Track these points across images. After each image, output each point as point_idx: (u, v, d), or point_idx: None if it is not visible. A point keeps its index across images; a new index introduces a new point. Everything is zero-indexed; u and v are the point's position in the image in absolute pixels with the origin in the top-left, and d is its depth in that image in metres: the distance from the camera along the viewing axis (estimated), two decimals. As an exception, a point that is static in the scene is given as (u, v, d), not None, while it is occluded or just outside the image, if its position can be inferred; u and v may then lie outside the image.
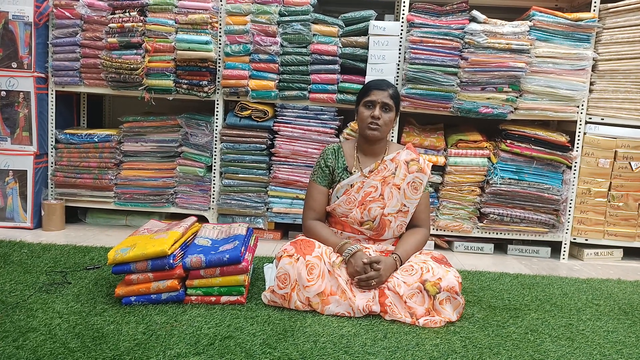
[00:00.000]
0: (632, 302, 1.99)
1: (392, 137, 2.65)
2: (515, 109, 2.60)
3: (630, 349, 1.55)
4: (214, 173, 2.68)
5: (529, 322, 1.71)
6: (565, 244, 2.69)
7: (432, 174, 2.64)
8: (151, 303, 1.66)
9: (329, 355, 1.38)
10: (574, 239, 2.69)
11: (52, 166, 2.74)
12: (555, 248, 2.74)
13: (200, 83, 2.59)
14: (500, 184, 2.60)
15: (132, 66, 2.55)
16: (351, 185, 1.83)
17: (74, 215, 2.85)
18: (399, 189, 1.81)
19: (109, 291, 1.75)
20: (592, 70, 2.62)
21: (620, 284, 2.25)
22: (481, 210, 2.67)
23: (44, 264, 2.01)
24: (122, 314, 1.58)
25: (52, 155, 2.73)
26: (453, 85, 2.54)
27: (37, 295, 1.69)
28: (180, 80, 2.60)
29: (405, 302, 1.64)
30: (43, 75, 2.67)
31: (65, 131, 2.72)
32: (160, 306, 1.65)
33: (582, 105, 2.63)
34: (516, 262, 2.57)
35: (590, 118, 2.65)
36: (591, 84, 2.64)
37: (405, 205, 1.82)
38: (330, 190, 1.87)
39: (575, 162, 2.65)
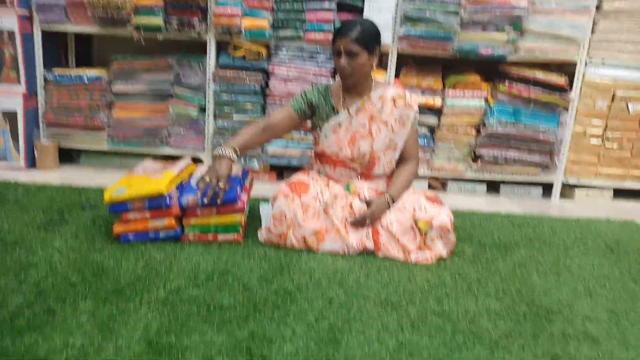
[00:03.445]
0: (619, 239, 2.05)
1: (389, 78, 2.61)
2: (515, 49, 2.55)
3: (613, 283, 1.61)
4: (208, 114, 2.65)
5: (518, 258, 1.76)
6: (557, 184, 2.72)
7: (429, 115, 2.62)
8: (149, 241, 1.69)
9: (324, 289, 1.43)
10: (566, 179, 2.73)
11: (42, 106, 2.69)
12: (547, 189, 2.78)
13: (192, 21, 2.50)
14: (496, 125, 2.60)
15: (119, 3, 2.45)
16: (339, 124, 1.82)
17: (67, 156, 2.84)
18: (387, 125, 1.80)
19: (107, 229, 1.78)
20: (596, 10, 2.54)
21: (609, 223, 2.30)
22: (476, 152, 2.68)
23: (41, 203, 2.03)
24: (121, 250, 1.61)
25: (41, 96, 2.68)
26: (453, 25, 2.47)
27: (35, 233, 1.72)
28: (170, 19, 2.51)
29: (398, 240, 1.68)
30: (27, 13, 2.56)
31: (54, 71, 2.65)
32: (159, 244, 1.68)
33: (584, 46, 2.57)
34: (508, 202, 2.62)
35: (590, 59, 2.61)
36: (594, 24, 2.57)
37: (393, 141, 1.82)
38: (302, 121, 1.86)
39: (573, 104, 2.63)
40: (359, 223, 1.71)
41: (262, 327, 1.20)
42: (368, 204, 1.73)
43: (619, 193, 2.82)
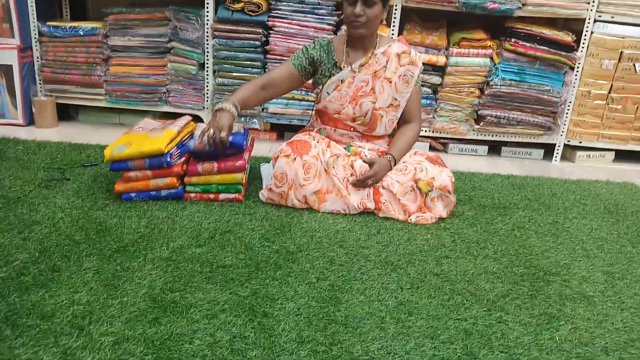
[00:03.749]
0: (617, 202, 2.06)
1: (392, 34, 2.54)
2: (523, 4, 2.47)
3: (611, 245, 1.63)
4: (207, 71, 2.60)
5: (517, 220, 1.78)
6: (559, 146, 2.71)
7: (432, 74, 2.58)
8: (151, 199, 1.69)
9: (324, 248, 1.44)
10: (568, 141, 2.71)
11: (38, 61, 2.63)
12: (548, 150, 2.77)
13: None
14: (500, 85, 2.55)
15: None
16: (341, 80, 1.78)
17: (66, 113, 2.81)
18: (390, 82, 1.77)
19: (109, 187, 1.78)
20: (609, -37, 2.45)
21: (609, 185, 2.31)
22: (478, 112, 2.65)
23: (41, 161, 2.02)
24: (124, 209, 1.62)
25: (37, 50, 2.62)
26: (459, -23, 2.39)
27: (37, 190, 1.72)
28: (167, -32, 2.42)
29: (399, 200, 1.69)
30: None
31: (48, 23, 2.58)
32: (161, 202, 1.68)
33: (593, 1, 2.49)
34: (509, 164, 2.61)
35: (599, 16, 2.53)
36: (605, -23, 2.48)
37: (396, 99, 1.79)
38: (303, 79, 1.83)
39: (579, 63, 2.58)
40: (360, 183, 1.71)
41: (265, 286, 1.22)
42: (370, 164, 1.72)
43: (620, 155, 2.81)
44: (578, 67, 2.59)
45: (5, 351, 0.95)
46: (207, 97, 2.63)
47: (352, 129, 1.85)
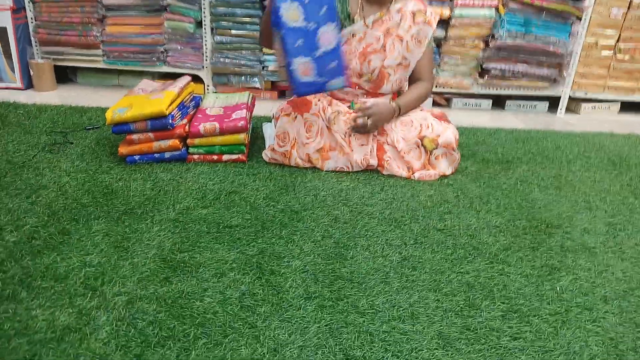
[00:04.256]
0: (621, 153, 2.05)
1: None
2: (530, -50, 2.38)
3: (613, 196, 1.64)
4: (205, 29, 2.54)
5: (520, 174, 1.78)
6: (564, 98, 2.68)
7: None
8: (155, 162, 1.70)
9: (329, 207, 1.46)
10: (574, 93, 2.68)
11: (32, 22, 2.58)
12: (553, 103, 2.74)
13: None
14: (505, 37, 2.49)
15: None
16: (353, 34, 1.74)
17: (64, 76, 2.77)
18: (402, 40, 1.73)
19: (112, 150, 1.79)
20: None
21: (613, 136, 2.30)
22: (483, 66, 2.60)
23: (43, 125, 2.01)
24: (129, 171, 1.63)
25: (30, 10, 2.56)
26: None
27: (41, 155, 1.72)
28: None
29: (403, 157, 1.69)
30: None
31: (39, -17, 2.50)
32: (165, 164, 1.69)
33: (603, -55, 2.40)
34: (513, 118, 2.59)
35: (610, -40, 2.44)
36: None
37: (406, 59, 1.76)
38: None
39: (587, 13, 2.51)
40: (361, 128, 1.66)
41: (271, 245, 1.25)
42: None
43: (626, 106, 2.78)
44: (585, 17, 2.52)
45: (23, 313, 0.98)
46: (206, 56, 2.59)
47: (357, 86, 1.82)
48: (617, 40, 2.59)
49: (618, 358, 0.95)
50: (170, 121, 1.65)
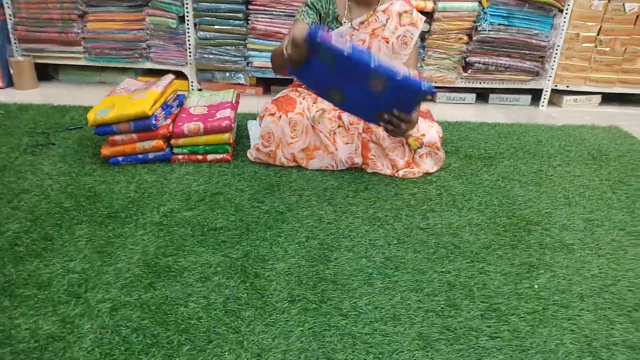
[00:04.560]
0: (601, 147, 2.09)
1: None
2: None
3: (592, 192, 1.68)
4: (188, 24, 2.51)
5: (502, 170, 1.81)
6: (546, 91, 2.71)
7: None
8: (139, 163, 1.70)
9: (313, 207, 1.47)
10: (556, 85, 2.71)
11: (11, 19, 2.53)
12: (535, 96, 2.77)
13: None
14: (489, 30, 2.51)
15: None
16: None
17: (45, 73, 2.73)
18: (388, 43, 1.73)
19: (95, 151, 1.77)
20: None
21: (594, 129, 2.33)
22: (467, 59, 2.61)
23: (24, 125, 1.99)
24: (112, 173, 1.62)
25: (8, 7, 2.50)
26: None
27: (23, 157, 1.71)
28: None
29: (388, 155, 1.70)
30: None
31: (16, -22, 2.45)
32: (149, 165, 1.69)
33: (585, -62, 2.41)
34: (496, 111, 2.62)
35: (591, -46, 2.46)
36: None
37: (392, 62, 1.76)
38: None
39: (568, 5, 2.53)
40: (397, 127, 1.52)
41: (255, 247, 1.26)
42: None
43: (607, 98, 2.82)
44: (567, 9, 2.54)
45: (6, 322, 0.99)
46: (190, 52, 2.57)
47: None
48: (598, 32, 2.62)
49: (592, 355, 0.98)
50: (154, 122, 1.64)
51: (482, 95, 2.78)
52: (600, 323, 1.06)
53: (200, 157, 1.73)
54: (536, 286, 1.17)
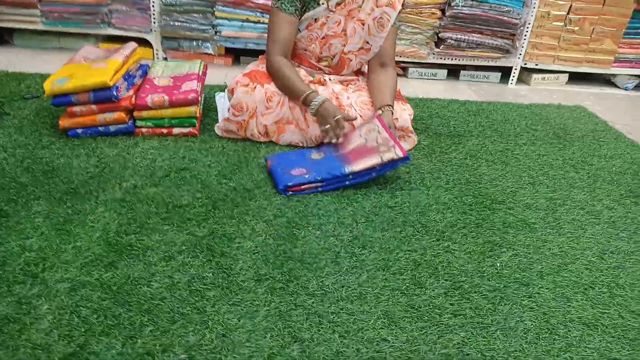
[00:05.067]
0: (566, 126, 2.13)
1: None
2: None
3: (555, 171, 1.71)
4: (153, -11, 2.40)
5: (469, 148, 1.82)
6: (515, 69, 2.73)
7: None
8: (100, 135, 1.63)
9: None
10: (525, 63, 2.73)
11: (-42, -23, 2.35)
12: (505, 74, 2.79)
13: None
14: (462, 6, 2.49)
15: None
16: (315, 19, 1.68)
17: (-1, 37, 2.57)
18: (363, 24, 1.68)
19: (53, 122, 1.69)
20: None
21: (560, 108, 2.37)
22: (439, 35, 2.60)
23: (-24, 94, 1.88)
24: (71, 146, 1.55)
25: (-46, -36, 2.33)
26: None
27: (-26, 128, 1.62)
28: None
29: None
30: None
31: None
32: (110, 138, 1.62)
33: None
34: (466, 88, 2.63)
35: None
36: None
37: (368, 43, 1.72)
38: (299, 20, 1.71)
39: (540, -17, 2.53)
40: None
41: (222, 225, 1.23)
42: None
43: (574, 77, 2.87)
44: (539, -13, 2.54)
45: (-42, 303, 0.94)
46: (154, 19, 2.46)
47: (317, 68, 1.78)
48: (568, 12, 2.64)
49: (549, 332, 1.01)
50: (115, 93, 1.57)
51: (453, 72, 2.79)
52: (558, 301, 1.10)
53: (165, 130, 1.68)
54: (498, 264, 1.19)
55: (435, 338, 0.97)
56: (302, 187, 1.40)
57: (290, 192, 1.39)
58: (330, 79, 1.78)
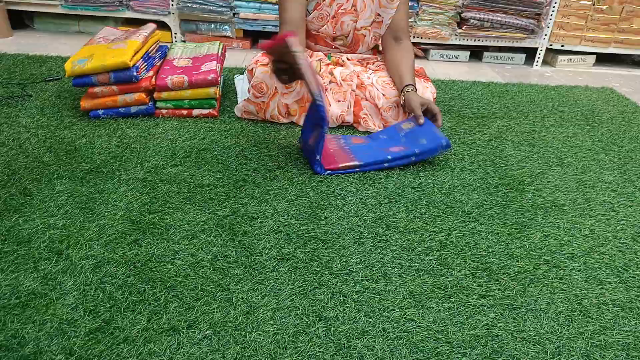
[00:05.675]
0: (594, 108, 2.06)
1: None
2: None
3: (585, 152, 1.66)
4: (171, -29, 2.38)
5: (494, 129, 1.77)
6: (541, 50, 2.65)
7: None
8: (121, 116, 1.62)
9: (302, 164, 1.43)
10: (551, 44, 2.65)
11: (-21, -39, 2.36)
12: (530, 55, 2.71)
13: None
14: (485, -15, 2.42)
15: None
16: None
17: (20, 21, 2.58)
18: None
19: (75, 104, 1.69)
20: None
21: (587, 90, 2.30)
22: (462, 15, 2.53)
23: (-2, 76, 1.89)
24: (92, 127, 1.55)
25: (-25, -53, 2.34)
26: None
27: (-2, 109, 1.63)
28: None
29: (381, 114, 1.65)
30: None
31: None
32: (131, 119, 1.62)
33: None
34: (490, 70, 2.56)
35: None
36: None
37: (379, 15, 1.68)
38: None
39: (568, -40, 2.44)
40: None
41: (244, 205, 1.22)
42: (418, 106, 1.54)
43: (602, 59, 2.77)
44: (567, -36, 2.45)
45: (-15, 278, 0.95)
46: (172, 1, 2.44)
47: (333, 46, 1.75)
48: (597, -9, 2.55)
49: (581, 314, 0.98)
50: (135, 73, 1.56)
51: (476, 53, 2.72)
52: (590, 283, 1.06)
53: (185, 112, 1.67)
54: (527, 246, 1.16)
55: (463, 319, 0.95)
56: (340, 166, 1.39)
57: (328, 172, 1.38)
58: (348, 58, 1.74)
